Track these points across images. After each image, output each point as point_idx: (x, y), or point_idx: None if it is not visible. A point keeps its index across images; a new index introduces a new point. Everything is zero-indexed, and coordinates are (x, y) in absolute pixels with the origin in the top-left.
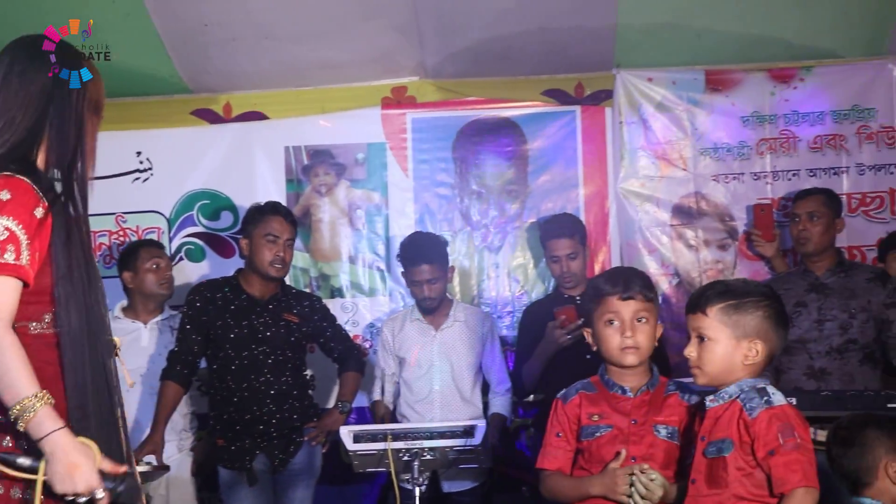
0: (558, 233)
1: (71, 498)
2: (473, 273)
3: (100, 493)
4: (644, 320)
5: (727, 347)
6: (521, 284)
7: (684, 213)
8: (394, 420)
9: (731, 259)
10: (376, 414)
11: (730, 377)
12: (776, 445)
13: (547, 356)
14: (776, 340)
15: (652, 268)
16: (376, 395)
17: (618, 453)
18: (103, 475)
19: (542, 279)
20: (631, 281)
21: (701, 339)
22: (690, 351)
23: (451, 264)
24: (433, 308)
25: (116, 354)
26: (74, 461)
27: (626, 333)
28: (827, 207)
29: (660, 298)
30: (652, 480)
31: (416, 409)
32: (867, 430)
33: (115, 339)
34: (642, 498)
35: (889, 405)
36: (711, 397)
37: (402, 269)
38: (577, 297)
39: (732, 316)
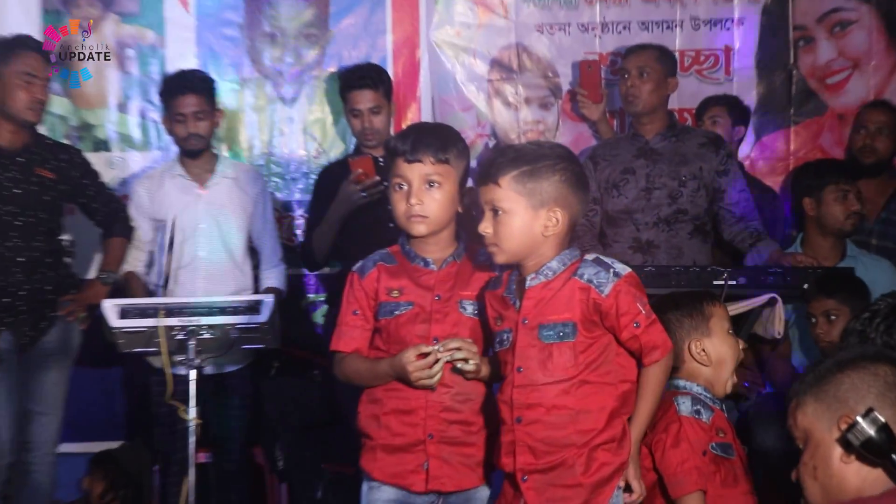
0: (360, 83)
1: None
2: (264, 128)
3: None
4: (436, 185)
5: (525, 219)
6: (318, 143)
7: (504, 68)
8: (148, 295)
9: (553, 120)
10: (129, 288)
11: (532, 252)
12: (638, 315)
13: (339, 218)
14: (576, 206)
15: (466, 127)
16: (128, 266)
17: (419, 346)
18: None
19: (342, 137)
20: (421, 140)
21: (496, 212)
22: (486, 227)
23: (234, 111)
24: (198, 150)
25: None
26: None
27: (411, 199)
28: (659, 63)
29: (475, 162)
30: (458, 350)
31: (178, 279)
32: (665, 314)
33: None
34: (460, 372)
35: (715, 282)
36: (532, 275)
37: (163, 113)
38: (381, 159)
39: (527, 184)
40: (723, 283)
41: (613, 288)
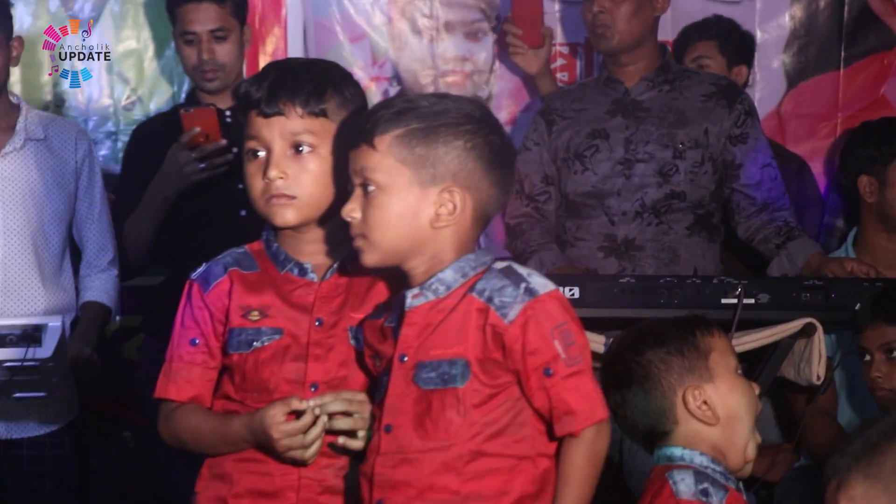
0: None
1: None
2: (45, 64)
3: None
4: (307, 149)
5: (406, 200)
6: (131, 87)
7: None
8: None
9: (485, 57)
10: None
11: (415, 251)
12: (554, 358)
13: (164, 200)
14: (489, 188)
15: (356, 66)
16: None
17: (288, 399)
18: None
19: (167, 79)
20: (282, 83)
21: (365, 187)
22: (351, 208)
23: (16, 35)
24: None
25: None
26: None
27: (269, 172)
28: None
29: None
30: (354, 401)
31: None
32: (642, 352)
33: None
34: (344, 448)
35: (725, 300)
36: (415, 291)
37: None
38: (228, 113)
39: (415, 149)
40: (735, 301)
41: (522, 312)
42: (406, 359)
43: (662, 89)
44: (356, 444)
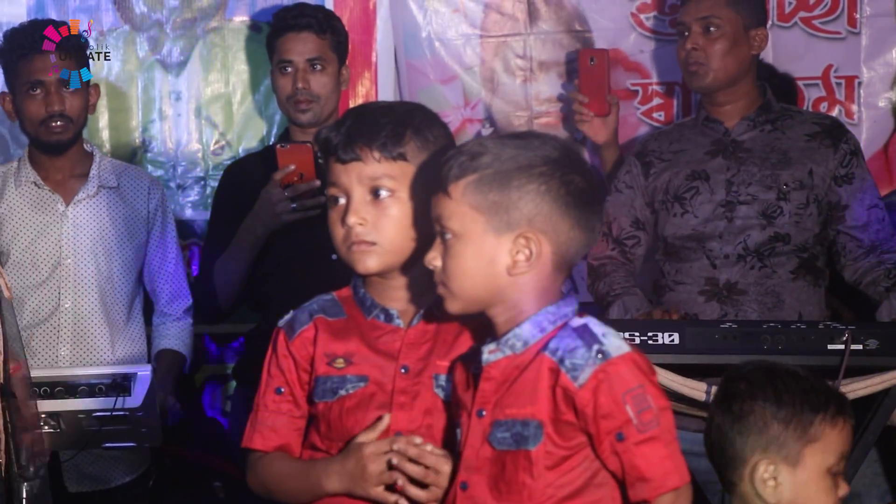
0: (297, 23)
1: None
2: (134, 106)
3: None
4: (386, 193)
5: (482, 247)
6: (219, 131)
7: (506, 17)
8: None
9: None
10: None
11: (495, 299)
12: (625, 424)
13: (256, 241)
14: (567, 232)
15: (447, 107)
16: None
17: (379, 419)
18: None
19: (260, 114)
20: (359, 129)
21: (443, 235)
22: (432, 257)
23: (94, 80)
24: (64, 143)
25: None
26: None
27: (348, 218)
28: (732, 9)
29: None
30: (431, 455)
31: (32, 342)
32: (758, 398)
33: None
34: (421, 486)
35: (831, 346)
36: (492, 346)
37: (4, 86)
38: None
39: (489, 194)
40: (842, 347)
41: (593, 375)
42: (484, 414)
43: (764, 129)
44: (414, 490)
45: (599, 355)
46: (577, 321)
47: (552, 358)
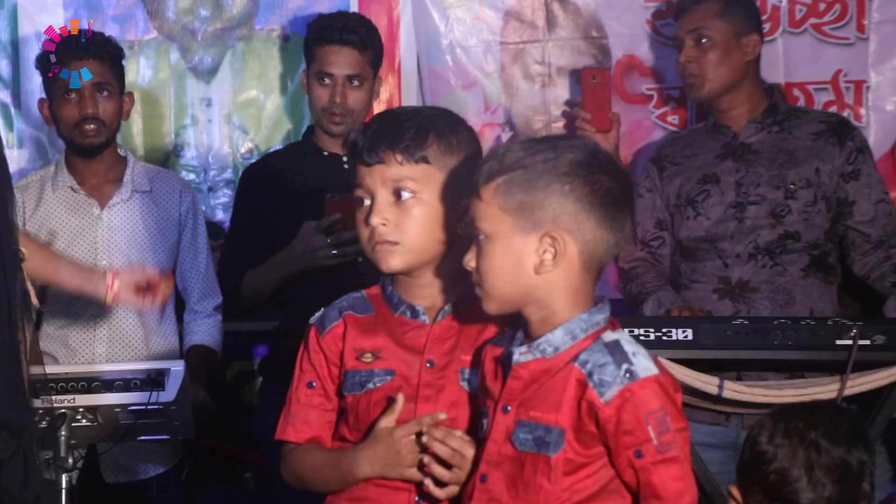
0: (341, 38)
1: None
2: (167, 112)
3: None
4: (408, 195)
5: (510, 247)
6: (249, 135)
7: (525, 24)
8: None
9: None
10: None
11: (527, 299)
12: (645, 442)
13: (288, 276)
14: (594, 231)
15: (469, 111)
16: None
17: (392, 404)
18: None
19: (289, 115)
20: (383, 133)
21: (477, 237)
22: (469, 258)
23: (128, 89)
24: (98, 146)
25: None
26: None
27: (372, 218)
28: (722, 20)
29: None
30: (458, 439)
31: (68, 342)
32: (776, 421)
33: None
34: (449, 467)
35: (840, 341)
36: (523, 348)
37: (43, 92)
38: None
39: (517, 195)
40: (850, 342)
41: (619, 394)
42: (509, 409)
43: (771, 130)
44: (439, 469)
45: (628, 375)
46: (611, 335)
47: (581, 370)
